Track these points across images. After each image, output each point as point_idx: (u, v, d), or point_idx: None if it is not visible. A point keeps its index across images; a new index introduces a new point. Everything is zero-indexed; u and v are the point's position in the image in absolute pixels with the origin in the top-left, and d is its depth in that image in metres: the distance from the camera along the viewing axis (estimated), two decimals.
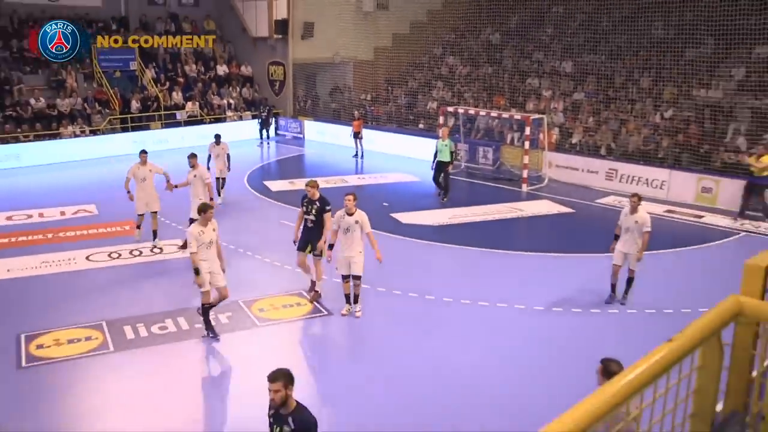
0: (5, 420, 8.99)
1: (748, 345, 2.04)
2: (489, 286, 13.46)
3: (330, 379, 10.18)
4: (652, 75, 24.03)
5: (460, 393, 9.50)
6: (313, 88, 33.75)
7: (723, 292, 8.73)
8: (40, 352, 10.75)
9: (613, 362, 6.31)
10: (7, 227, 17.54)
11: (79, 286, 13.60)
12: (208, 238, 10.81)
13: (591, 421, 1.44)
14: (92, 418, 9.18)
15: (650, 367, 1.62)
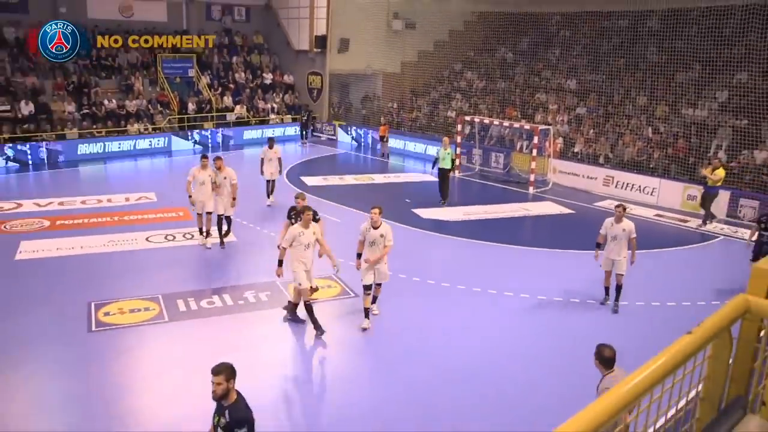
0: (82, 373, 9.11)
1: (752, 338, 2.02)
2: (497, 277, 13.39)
3: (350, 356, 10.21)
4: (646, 94, 23.92)
5: (465, 369, 9.47)
6: (346, 96, 33.78)
7: (705, 287, 8.70)
8: (106, 319, 10.86)
9: (606, 347, 6.24)
10: (81, 210, 17.73)
11: (140, 264, 13.70)
12: (306, 240, 10.18)
13: (621, 409, 1.42)
14: (150, 378, 9.26)
15: (673, 356, 1.59)
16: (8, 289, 12.19)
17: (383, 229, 10.45)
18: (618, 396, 1.44)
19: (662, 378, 1.57)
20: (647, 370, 1.53)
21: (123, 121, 26.43)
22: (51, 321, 10.73)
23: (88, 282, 12.48)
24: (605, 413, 1.39)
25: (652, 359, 1.56)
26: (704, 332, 1.74)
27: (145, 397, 8.80)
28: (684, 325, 7.12)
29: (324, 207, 18.46)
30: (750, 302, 1.96)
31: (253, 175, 19.27)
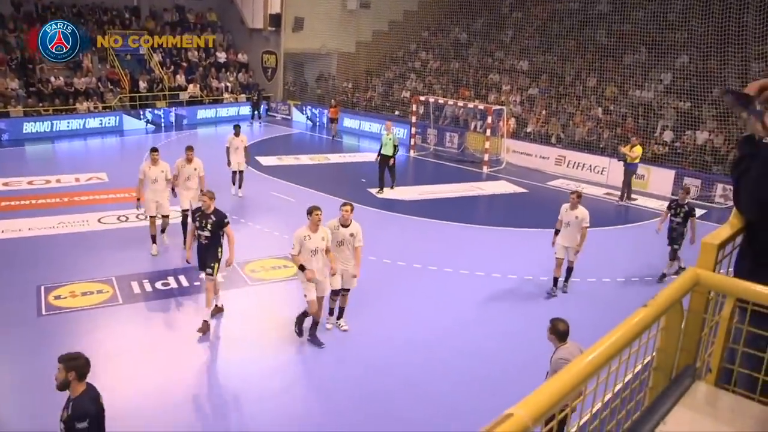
0: (32, 359, 8.90)
1: (701, 309, 2.10)
2: (454, 255, 13.51)
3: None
4: (596, 76, 24.33)
5: (421, 342, 9.57)
6: (301, 75, 33.43)
7: (650, 264, 8.91)
8: (57, 303, 10.60)
9: (560, 321, 6.39)
10: (28, 191, 17.20)
11: (92, 245, 13.40)
12: (314, 245, 8.94)
13: (580, 382, 1.45)
14: (103, 363, 9.09)
15: (631, 328, 1.63)
16: None
17: (353, 228, 9.39)
18: (580, 367, 1.47)
19: (621, 349, 1.60)
20: (608, 341, 1.56)
21: (71, 99, 25.64)
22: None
23: (36, 265, 12.14)
24: (569, 384, 1.41)
25: (612, 331, 1.60)
26: (659, 304, 1.78)
27: (98, 382, 8.63)
28: (633, 301, 7.32)
29: (279, 186, 18.35)
30: (699, 275, 2.03)
31: (212, 159, 18.96)
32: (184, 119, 28.49)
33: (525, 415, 1.24)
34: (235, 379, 8.68)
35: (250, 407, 8.07)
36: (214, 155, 17.05)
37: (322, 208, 9.11)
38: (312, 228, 8.96)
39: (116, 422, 7.60)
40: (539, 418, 1.29)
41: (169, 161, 13.09)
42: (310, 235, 8.93)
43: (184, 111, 28.65)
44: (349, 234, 9.34)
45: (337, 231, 9.32)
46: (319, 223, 8.97)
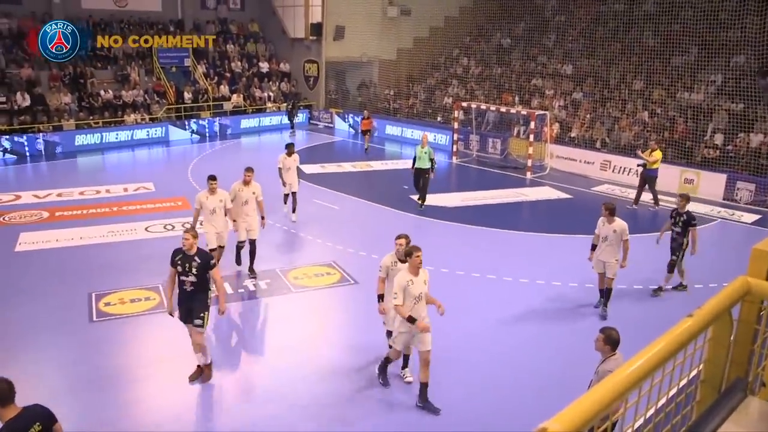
0: (84, 362, 9.12)
1: (752, 320, 2.02)
2: (497, 262, 13.38)
3: (351, 337, 10.20)
4: (642, 78, 23.84)
5: (460, 350, 9.48)
6: (342, 83, 33.61)
7: (703, 269, 8.68)
8: (107, 309, 10.86)
9: (613, 330, 6.24)
10: (79, 201, 17.68)
11: (140, 253, 13.66)
12: (418, 291, 7.56)
13: (618, 396, 1.40)
14: (151, 366, 9.26)
15: (675, 339, 1.58)
16: (8, 280, 12.17)
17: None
18: (618, 380, 1.43)
19: (664, 361, 1.55)
20: (650, 352, 1.51)
21: (120, 111, 26.34)
22: (52, 312, 10.71)
23: (88, 272, 12.45)
24: (606, 398, 1.38)
25: (654, 342, 1.55)
26: (705, 314, 1.72)
27: (147, 386, 8.81)
28: (683, 307, 7.09)
29: (322, 194, 18.47)
30: (750, 284, 1.95)
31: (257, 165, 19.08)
32: (228, 129, 28.92)
33: (560, 429, 1.22)
34: (280, 385, 8.73)
35: (296, 412, 8.10)
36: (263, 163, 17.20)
37: (370, 216, 9.04)
38: (412, 271, 7.58)
39: (162, 428, 7.75)
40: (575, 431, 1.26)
41: (215, 170, 13.15)
42: (412, 280, 7.52)
43: (228, 121, 29.09)
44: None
45: (394, 268, 7.97)
46: (419, 266, 7.58)
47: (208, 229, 11.44)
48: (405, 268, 7.68)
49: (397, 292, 7.49)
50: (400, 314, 7.56)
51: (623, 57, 24.97)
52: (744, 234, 16.27)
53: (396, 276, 7.66)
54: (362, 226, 15.79)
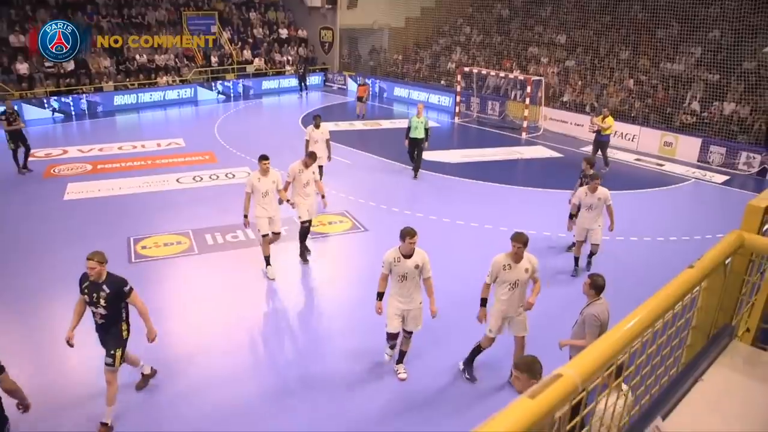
0: None
1: (742, 271, 1.94)
2: (494, 213, 13.30)
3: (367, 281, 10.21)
4: (629, 49, 23.28)
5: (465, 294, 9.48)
6: (355, 49, 33.04)
7: (680, 223, 8.55)
8: (144, 252, 10.89)
9: (599, 276, 6.16)
10: (118, 155, 17.60)
11: (171, 202, 13.65)
12: (514, 277, 6.89)
13: (628, 342, 1.34)
14: (182, 300, 9.33)
15: (678, 288, 1.50)
16: (58, 225, 12.22)
17: (418, 258, 6.87)
18: (628, 327, 1.36)
19: (670, 308, 1.48)
20: (655, 302, 1.44)
21: (153, 74, 26.02)
22: None
23: (126, 219, 12.46)
24: (617, 344, 1.31)
25: (658, 292, 1.48)
26: (705, 266, 1.65)
27: (180, 321, 8.88)
28: (660, 259, 7.07)
29: (336, 150, 18.28)
30: (744, 237, 1.87)
31: (276, 123, 18.89)
32: (251, 90, 28.56)
33: (575, 375, 1.15)
34: (297, 322, 8.78)
35: (308, 346, 8.16)
36: (282, 121, 17.01)
37: (378, 170, 8.89)
38: (514, 258, 6.87)
39: (196, 358, 7.83)
40: (589, 378, 1.20)
41: (240, 128, 12.94)
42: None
43: (251, 82, 28.69)
44: (413, 266, 6.85)
45: (398, 264, 6.84)
46: (521, 256, 6.86)
47: (259, 213, 9.61)
48: (394, 248, 6.87)
49: (384, 264, 6.87)
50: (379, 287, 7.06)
51: (613, 28, 24.34)
52: (715, 193, 16.12)
53: (495, 259, 6.94)
54: (372, 179, 15.65)
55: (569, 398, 1.15)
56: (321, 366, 7.67)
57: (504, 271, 6.85)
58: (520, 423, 1.06)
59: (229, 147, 18.42)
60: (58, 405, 6.84)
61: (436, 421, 6.68)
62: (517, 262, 6.84)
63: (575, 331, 6.31)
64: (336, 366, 7.68)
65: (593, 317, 6.05)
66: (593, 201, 9.96)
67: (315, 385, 7.27)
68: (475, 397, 7.17)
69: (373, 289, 7.15)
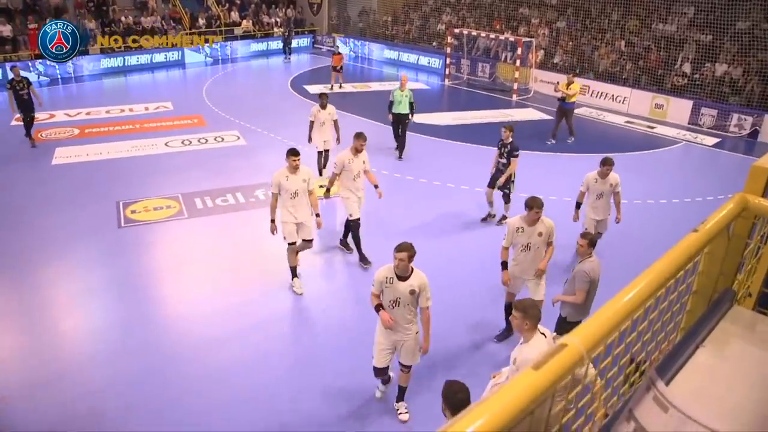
0: (114, 264, 9.11)
1: (744, 235, 1.87)
2: (484, 176, 13.20)
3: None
4: (620, 9, 22.89)
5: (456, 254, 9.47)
6: (344, 10, 32.35)
7: (673, 185, 8.51)
8: (133, 216, 10.75)
9: (590, 234, 6.22)
10: (105, 119, 17.29)
11: (160, 166, 13.45)
12: (525, 240, 6.89)
13: (634, 310, 1.26)
14: (172, 264, 9.25)
15: (683, 252, 1.43)
16: (47, 189, 12.04)
17: (416, 281, 5.54)
18: (633, 294, 1.28)
19: (676, 272, 1.41)
20: (660, 266, 1.37)
21: (139, 36, 25.38)
22: (86, 219, 10.62)
23: (116, 183, 12.29)
24: (622, 312, 1.23)
25: (663, 256, 1.41)
26: (709, 230, 1.57)
27: (170, 284, 8.82)
28: (652, 222, 7.00)
29: None
30: (747, 200, 1.79)
31: (265, 85, 18.58)
32: (238, 52, 28.01)
33: (580, 344, 1.09)
34: (285, 284, 8.73)
35: (301, 307, 8.14)
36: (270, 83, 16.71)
37: (369, 132, 8.63)
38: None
39: (186, 321, 7.79)
40: (594, 347, 1.13)
41: (229, 92, 12.64)
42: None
43: (239, 45, 28.14)
44: (408, 291, 5.51)
45: (390, 286, 5.56)
46: (537, 219, 6.80)
47: (286, 218, 8.07)
48: (388, 266, 5.66)
49: (374, 282, 5.66)
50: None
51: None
52: (705, 155, 16.09)
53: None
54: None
55: (575, 368, 1.08)
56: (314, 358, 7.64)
57: (516, 233, 6.83)
58: (526, 394, 1.00)
59: (217, 110, 18.12)
60: (54, 371, 6.79)
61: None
62: (530, 225, 6.76)
63: (566, 288, 6.33)
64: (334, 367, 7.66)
65: (584, 273, 6.09)
66: (604, 188, 8.82)
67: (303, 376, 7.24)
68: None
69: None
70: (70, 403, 6.24)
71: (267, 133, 15.82)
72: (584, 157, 14.88)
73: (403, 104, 13.68)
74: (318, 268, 9.34)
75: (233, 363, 6.92)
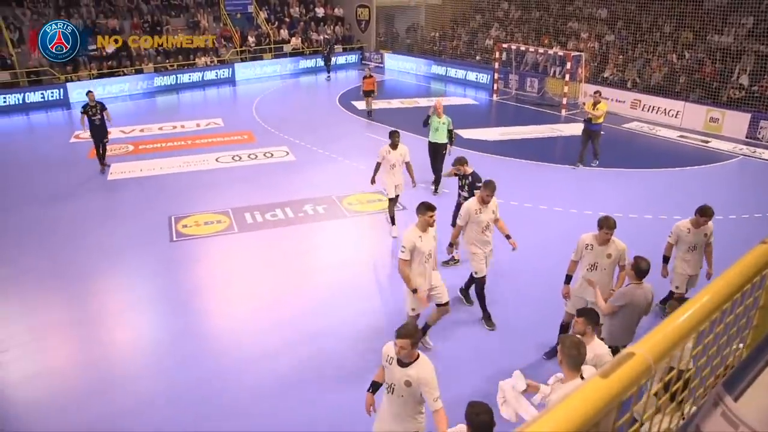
0: (165, 277, 9.34)
1: None
2: (534, 192, 13.05)
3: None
4: (673, 22, 22.41)
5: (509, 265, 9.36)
6: (392, 26, 32.69)
7: (733, 202, 8.25)
8: (185, 230, 11.03)
9: (643, 260, 5.92)
10: (158, 135, 17.84)
11: (211, 181, 13.78)
12: (592, 259, 6.69)
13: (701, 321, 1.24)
14: (222, 278, 9.43)
15: (750, 265, 1.38)
16: (103, 204, 12.51)
17: (413, 370, 4.50)
18: (700, 305, 1.26)
19: (744, 284, 1.37)
20: (726, 279, 1.33)
21: (192, 54, 26.20)
22: (139, 232, 10.95)
23: (168, 198, 12.65)
24: (690, 323, 1.21)
25: (729, 269, 1.37)
26: None
27: (218, 298, 8.98)
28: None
29: (373, 128, 18.22)
30: None
31: (314, 101, 18.64)
32: (288, 69, 28.56)
33: (647, 353, 1.07)
34: (336, 296, 8.79)
35: (349, 322, 8.17)
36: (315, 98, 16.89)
37: (416, 147, 8.61)
38: (422, 228, 6.65)
39: (234, 335, 7.92)
40: (661, 357, 1.11)
41: (278, 108, 12.97)
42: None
43: (288, 62, 28.70)
44: (404, 380, 4.53)
45: (389, 367, 4.63)
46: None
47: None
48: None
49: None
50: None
51: (655, 1, 23.46)
52: (764, 169, 15.51)
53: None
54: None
55: (642, 377, 1.07)
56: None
57: (586, 250, 6.66)
58: (594, 402, 0.99)
59: (267, 126, 18.49)
60: (106, 379, 6.99)
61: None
62: (600, 244, 6.55)
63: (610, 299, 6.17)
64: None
65: (621, 294, 5.98)
66: (698, 239, 7.54)
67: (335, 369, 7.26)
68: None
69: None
70: (118, 415, 6.39)
71: (316, 148, 16.06)
72: (635, 173, 14.59)
73: (440, 132, 12.45)
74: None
75: (281, 377, 6.98)
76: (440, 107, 12.46)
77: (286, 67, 28.60)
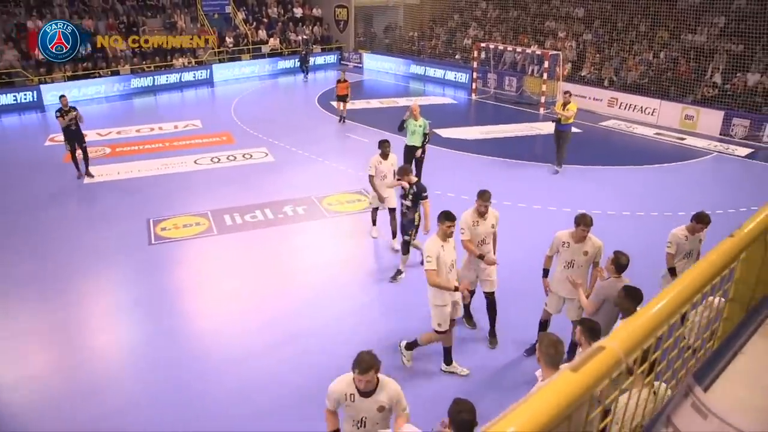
0: (145, 280, 9.26)
1: None
2: (513, 190, 13.15)
3: (380, 258, 10.18)
4: (649, 21, 22.76)
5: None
6: (370, 26, 32.72)
7: (704, 197, 8.37)
8: (164, 233, 10.94)
9: (623, 255, 6.00)
10: (136, 137, 17.67)
11: (190, 184, 13.69)
12: (569, 257, 6.72)
13: (671, 314, 1.27)
14: (202, 281, 9.38)
15: (718, 259, 1.43)
16: (80, 208, 12.38)
17: (385, 395, 4.45)
18: (670, 298, 1.29)
19: (713, 278, 1.41)
20: (695, 272, 1.37)
21: (168, 56, 25.98)
22: (117, 236, 10.85)
23: (146, 201, 12.53)
24: (661, 316, 1.24)
25: (698, 262, 1.41)
26: (745, 235, 1.57)
27: (198, 300, 8.93)
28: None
29: (353, 129, 18.23)
30: None
31: (292, 102, 18.64)
32: (266, 69, 28.46)
33: (618, 347, 1.10)
34: (317, 298, 8.78)
35: (332, 323, 8.18)
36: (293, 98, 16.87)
37: (396, 148, 8.63)
38: (442, 238, 6.47)
39: (216, 337, 7.88)
40: (632, 351, 1.14)
41: (257, 109, 12.94)
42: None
43: (266, 62, 28.60)
44: (377, 408, 4.48)
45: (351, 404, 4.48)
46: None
47: (442, 301, 7.88)
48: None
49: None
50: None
51: (631, 0, 23.80)
52: (737, 166, 15.81)
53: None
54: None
55: (613, 371, 1.09)
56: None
57: (562, 247, 6.65)
58: (563, 395, 1.02)
59: (245, 127, 18.41)
60: (81, 386, 6.92)
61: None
62: (577, 242, 6.56)
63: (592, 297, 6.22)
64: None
65: (602, 290, 6.04)
66: (695, 246, 7.24)
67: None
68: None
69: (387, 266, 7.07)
70: (101, 419, 6.34)
71: (295, 149, 16.02)
72: (612, 170, 14.77)
73: (416, 135, 12.17)
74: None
75: (261, 378, 6.97)
76: (417, 110, 12.11)
77: (265, 67, 28.50)
